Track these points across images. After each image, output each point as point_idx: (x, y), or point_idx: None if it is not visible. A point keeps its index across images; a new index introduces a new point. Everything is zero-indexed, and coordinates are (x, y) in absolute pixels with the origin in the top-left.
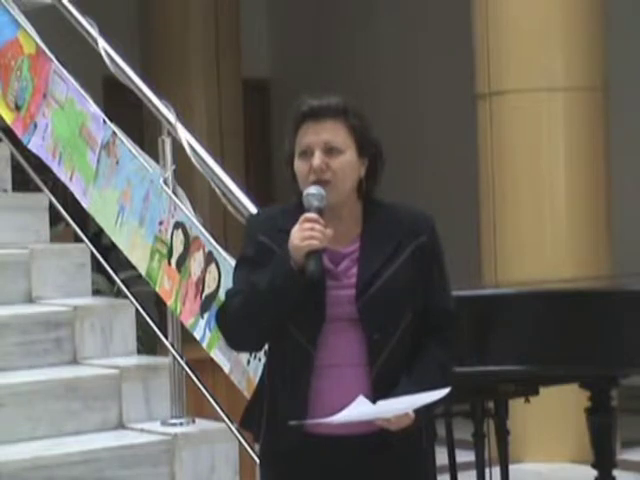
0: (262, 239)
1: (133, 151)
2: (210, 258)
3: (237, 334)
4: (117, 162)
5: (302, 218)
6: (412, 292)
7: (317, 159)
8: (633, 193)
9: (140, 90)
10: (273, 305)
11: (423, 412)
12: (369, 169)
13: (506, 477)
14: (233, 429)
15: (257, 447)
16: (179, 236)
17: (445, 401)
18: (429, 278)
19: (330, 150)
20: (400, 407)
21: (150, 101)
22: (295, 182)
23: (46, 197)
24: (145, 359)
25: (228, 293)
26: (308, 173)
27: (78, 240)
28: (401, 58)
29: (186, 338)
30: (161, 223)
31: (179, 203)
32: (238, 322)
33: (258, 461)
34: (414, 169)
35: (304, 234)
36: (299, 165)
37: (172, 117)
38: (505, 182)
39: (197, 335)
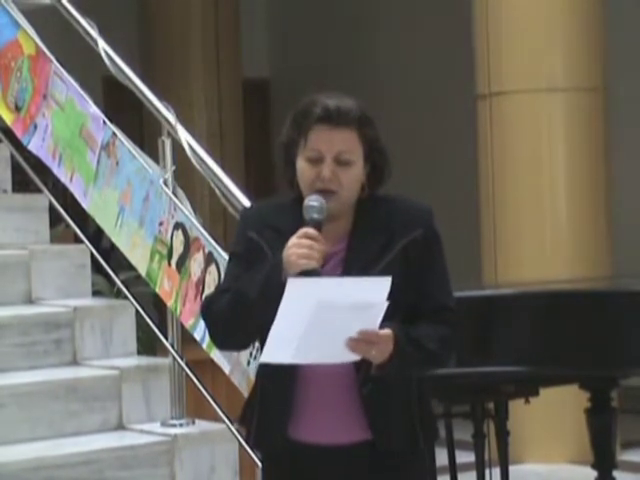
0: (251, 235)
1: (133, 152)
2: (210, 259)
3: (221, 333)
4: (117, 163)
5: (301, 232)
6: (401, 290)
7: (328, 170)
8: (633, 193)
9: (140, 91)
10: (262, 313)
11: (403, 340)
12: (374, 175)
13: (506, 478)
14: (233, 430)
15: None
16: (179, 237)
17: (445, 401)
18: (425, 273)
19: (341, 161)
20: (347, 300)
21: (150, 102)
22: (289, 174)
23: (46, 198)
24: (145, 360)
25: (218, 288)
26: (314, 180)
27: (78, 241)
28: (401, 58)
29: (186, 339)
30: (161, 224)
31: (179, 204)
32: (222, 322)
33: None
34: (414, 170)
35: (301, 251)
36: (305, 169)
37: (172, 118)
38: (505, 183)
39: (197, 336)
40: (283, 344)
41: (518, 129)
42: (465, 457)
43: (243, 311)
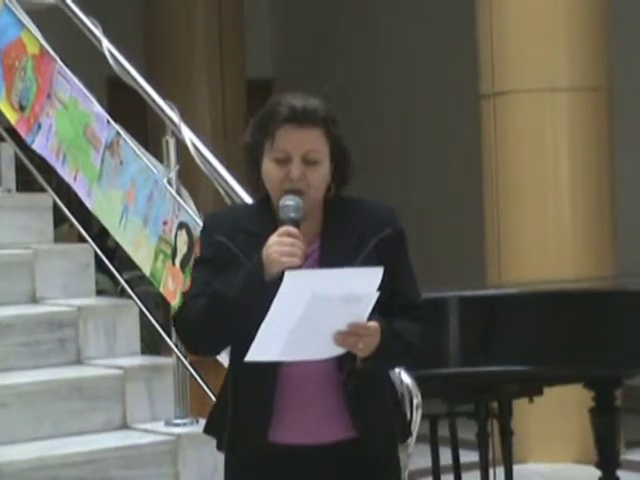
0: (220, 239)
1: (137, 151)
2: None
3: (197, 339)
4: (121, 162)
5: (282, 230)
6: (379, 287)
7: (297, 170)
8: (636, 193)
9: (144, 90)
10: (241, 315)
11: (388, 333)
12: (338, 175)
13: (510, 477)
14: None
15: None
16: (183, 236)
17: (449, 400)
18: (396, 271)
19: (309, 160)
20: (338, 291)
21: (154, 101)
22: (255, 176)
23: (50, 197)
24: (149, 359)
25: (186, 295)
26: (282, 180)
27: (82, 240)
28: (404, 58)
29: None
30: (165, 223)
31: (183, 203)
32: (199, 327)
33: (224, 471)
34: (417, 169)
35: (284, 249)
36: (272, 170)
37: (176, 117)
38: (509, 182)
39: None
40: (271, 341)
41: (522, 129)
42: (469, 456)
43: (221, 313)
